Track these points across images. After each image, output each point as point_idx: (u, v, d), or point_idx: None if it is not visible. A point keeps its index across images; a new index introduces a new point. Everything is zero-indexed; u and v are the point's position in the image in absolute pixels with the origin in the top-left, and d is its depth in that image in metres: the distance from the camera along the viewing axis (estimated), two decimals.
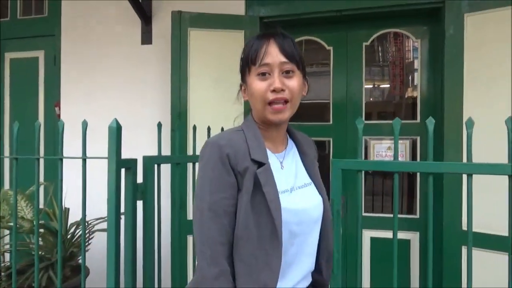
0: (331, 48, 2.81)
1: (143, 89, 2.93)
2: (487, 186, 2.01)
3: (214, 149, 1.00)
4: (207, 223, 0.96)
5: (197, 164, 1.84)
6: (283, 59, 1.02)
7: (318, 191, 1.09)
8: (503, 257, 1.49)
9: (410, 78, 2.78)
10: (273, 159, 1.06)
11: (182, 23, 2.63)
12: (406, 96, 2.78)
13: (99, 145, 2.14)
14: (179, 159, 1.74)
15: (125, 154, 1.47)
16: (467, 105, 2.29)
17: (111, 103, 2.98)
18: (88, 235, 2.57)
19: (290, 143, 1.15)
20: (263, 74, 1.02)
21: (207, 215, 0.96)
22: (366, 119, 2.76)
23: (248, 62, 1.05)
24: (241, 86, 1.14)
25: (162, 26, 2.87)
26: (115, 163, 1.42)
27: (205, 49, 2.66)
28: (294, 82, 1.03)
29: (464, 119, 2.27)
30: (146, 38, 2.89)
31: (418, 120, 2.66)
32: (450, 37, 2.34)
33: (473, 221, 1.35)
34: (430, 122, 1.28)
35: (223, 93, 2.67)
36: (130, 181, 1.51)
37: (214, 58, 2.67)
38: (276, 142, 1.10)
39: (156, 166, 1.62)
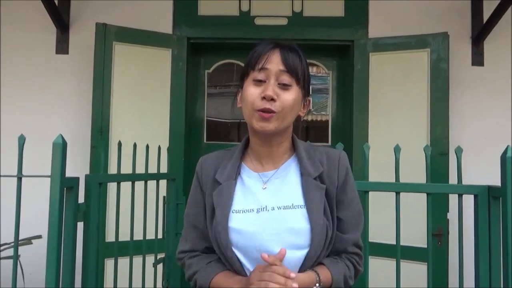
0: None
1: (56, 102, 2.70)
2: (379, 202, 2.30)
3: (197, 165, 1.09)
4: (183, 229, 1.10)
5: (152, 182, 1.80)
6: (282, 68, 0.95)
7: (310, 216, 0.94)
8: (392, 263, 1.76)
9: (321, 104, 3.09)
10: (253, 179, 1.02)
11: (107, 36, 2.53)
12: (316, 120, 3.08)
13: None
14: (125, 177, 1.67)
15: (33, 171, 1.41)
16: (371, 130, 2.65)
17: (17, 115, 2.67)
18: None
19: (291, 160, 1.04)
20: (259, 81, 0.95)
21: (184, 223, 1.10)
22: None
23: (248, 66, 0.98)
24: (237, 91, 1.05)
25: (81, 36, 2.71)
26: (60, 183, 1.32)
27: (131, 65, 2.60)
28: (288, 95, 0.95)
29: (369, 142, 2.62)
30: (62, 47, 2.69)
31: (329, 142, 2.96)
32: (358, 71, 2.70)
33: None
34: (366, 147, 1.49)
35: (147, 110, 2.63)
36: (72, 202, 1.41)
37: (140, 74, 2.62)
38: (265, 159, 1.03)
39: (98, 185, 1.53)
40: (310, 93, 1.03)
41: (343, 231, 1.00)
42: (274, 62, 0.95)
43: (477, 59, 2.69)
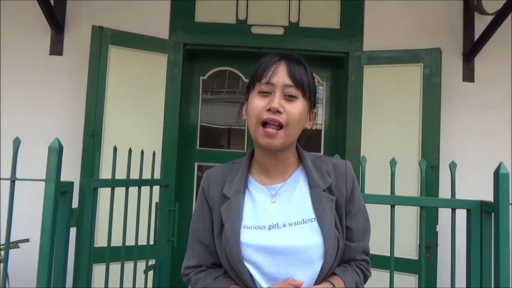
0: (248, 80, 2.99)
1: (49, 103, 2.66)
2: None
3: (203, 179, 1.07)
4: (189, 245, 1.07)
5: (144, 188, 1.78)
6: (288, 82, 0.95)
7: (322, 229, 0.94)
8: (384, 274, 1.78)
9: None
10: (262, 192, 1.01)
11: (103, 39, 2.52)
12: (308, 130, 3.10)
13: None
14: (119, 183, 1.65)
15: (22, 173, 1.39)
16: (364, 142, 2.68)
17: (8, 115, 2.63)
18: None
19: (298, 173, 1.04)
20: (265, 92, 0.96)
21: (189, 239, 1.07)
22: None
23: (254, 79, 0.99)
24: (243, 103, 1.05)
25: (76, 38, 2.68)
26: (55, 187, 1.30)
27: (126, 68, 2.59)
28: (294, 108, 0.95)
29: (362, 153, 2.64)
30: (56, 48, 2.66)
31: (322, 152, 2.98)
32: (351, 83, 2.72)
33: None
34: (363, 159, 1.50)
35: (141, 115, 2.62)
36: (66, 207, 1.39)
37: (135, 78, 2.61)
38: (272, 172, 1.02)
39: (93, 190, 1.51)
40: (316, 105, 1.03)
41: (351, 239, 1.01)
42: (280, 75, 0.95)
43: (468, 75, 2.75)
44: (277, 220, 0.96)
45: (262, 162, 1.03)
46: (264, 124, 0.94)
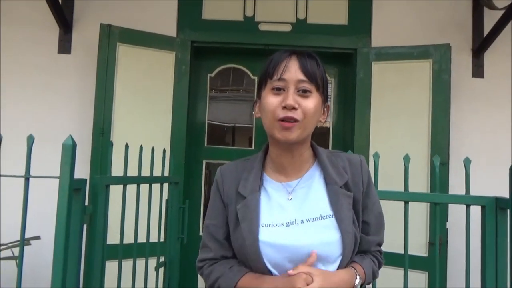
0: (256, 77, 2.99)
1: (57, 102, 2.67)
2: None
3: (217, 176, 1.07)
4: (203, 239, 1.07)
5: (153, 185, 1.79)
6: (301, 76, 0.93)
7: (340, 226, 0.94)
8: (399, 272, 1.76)
9: None
10: (278, 190, 1.00)
11: (111, 37, 2.52)
12: (316, 127, 3.09)
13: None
14: (131, 180, 1.66)
15: (33, 172, 1.39)
16: (372, 138, 2.66)
17: (17, 114, 2.64)
18: None
19: (314, 169, 1.03)
20: (278, 89, 0.94)
21: (203, 234, 1.08)
22: None
23: (265, 76, 0.97)
24: (255, 101, 1.04)
25: (84, 36, 2.69)
26: (69, 184, 1.30)
27: (134, 66, 2.59)
28: (309, 103, 0.94)
29: (370, 150, 2.63)
30: (64, 47, 2.67)
31: (330, 149, 2.97)
32: (360, 79, 2.71)
33: None
34: (376, 156, 1.50)
35: (150, 112, 2.62)
36: (79, 204, 1.39)
37: (143, 76, 2.61)
38: (288, 169, 1.01)
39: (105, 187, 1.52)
40: (328, 99, 1.02)
41: (367, 233, 1.04)
42: (292, 71, 0.94)
43: (477, 71, 2.73)
44: (295, 217, 0.96)
45: (277, 159, 1.02)
46: (279, 120, 0.94)
